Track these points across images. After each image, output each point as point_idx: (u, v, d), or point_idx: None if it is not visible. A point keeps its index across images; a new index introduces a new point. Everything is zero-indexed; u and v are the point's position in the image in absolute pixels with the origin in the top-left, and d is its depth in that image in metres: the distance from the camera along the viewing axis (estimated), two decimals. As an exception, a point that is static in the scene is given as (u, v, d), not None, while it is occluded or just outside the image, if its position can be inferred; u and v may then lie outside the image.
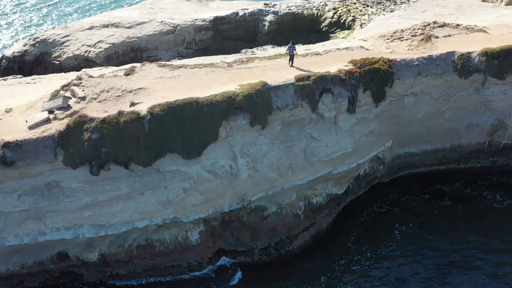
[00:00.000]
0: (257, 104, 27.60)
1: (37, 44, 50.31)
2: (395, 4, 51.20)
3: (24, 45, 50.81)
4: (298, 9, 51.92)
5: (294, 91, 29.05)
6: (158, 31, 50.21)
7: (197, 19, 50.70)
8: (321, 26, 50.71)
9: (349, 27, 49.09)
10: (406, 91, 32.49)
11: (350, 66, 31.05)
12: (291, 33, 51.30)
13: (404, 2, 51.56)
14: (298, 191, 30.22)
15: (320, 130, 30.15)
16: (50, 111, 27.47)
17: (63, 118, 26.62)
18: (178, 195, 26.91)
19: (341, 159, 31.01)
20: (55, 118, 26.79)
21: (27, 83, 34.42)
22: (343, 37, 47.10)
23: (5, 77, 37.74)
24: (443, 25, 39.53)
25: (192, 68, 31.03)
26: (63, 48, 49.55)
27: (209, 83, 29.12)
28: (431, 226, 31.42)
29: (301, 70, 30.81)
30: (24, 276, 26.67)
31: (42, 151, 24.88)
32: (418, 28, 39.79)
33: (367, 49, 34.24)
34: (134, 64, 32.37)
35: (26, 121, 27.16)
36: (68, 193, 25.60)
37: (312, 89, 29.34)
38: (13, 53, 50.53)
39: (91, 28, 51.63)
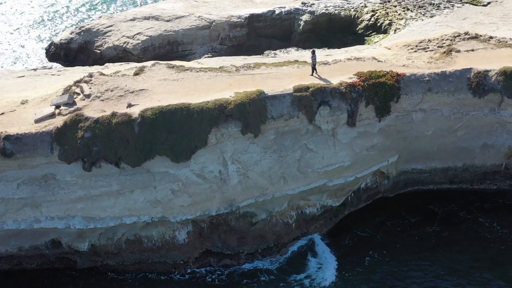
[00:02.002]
0: (249, 113, 27.97)
1: (82, 33, 53.02)
2: (437, 9, 49.26)
3: (71, 33, 53.70)
4: (335, 10, 51.20)
5: (291, 102, 29.12)
6: (194, 25, 51.37)
7: (232, 16, 51.32)
8: (357, 28, 49.81)
9: (385, 31, 47.93)
10: (414, 107, 31.59)
11: (354, 79, 30.60)
12: (327, 34, 50.89)
13: (448, 7, 49.45)
14: (290, 200, 30.43)
15: (317, 141, 30.06)
16: (57, 106, 29.28)
17: (66, 114, 28.32)
18: (166, 196, 27.98)
19: (338, 171, 30.80)
20: (59, 114, 28.55)
21: (52, 74, 36.64)
22: (377, 41, 46.15)
23: (35, 67, 40.22)
24: (474, 37, 37.85)
25: (197, 71, 31.82)
26: (105, 38, 51.89)
27: (208, 88, 29.80)
28: (405, 253, 30.18)
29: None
30: (22, 257, 28.91)
31: (40, 145, 26.71)
32: (447, 39, 38.32)
33: (379, 61, 33.47)
34: (145, 64, 33.65)
35: (35, 114, 29.16)
36: (63, 185, 27.36)
37: (310, 100, 29.27)
38: (61, 40, 53.56)
39: (133, 19, 53.66)
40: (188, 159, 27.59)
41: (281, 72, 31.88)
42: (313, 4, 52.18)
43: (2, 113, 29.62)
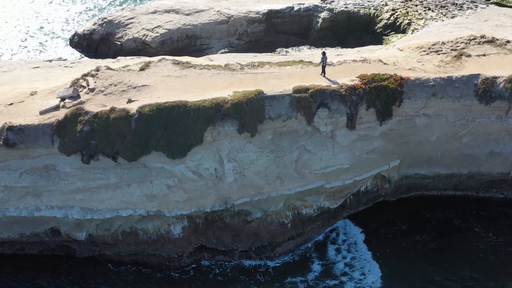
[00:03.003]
0: (245, 112, 28.15)
1: (104, 24, 54.23)
2: (460, 9, 48.22)
3: (94, 24, 54.98)
4: (354, 8, 50.71)
5: (290, 102, 29.14)
6: (213, 20, 51.82)
7: (251, 11, 51.49)
8: (376, 27, 49.35)
9: (403, 31, 47.28)
10: (417, 112, 31.12)
11: (356, 81, 30.35)
12: (345, 32, 50.53)
13: (471, 8, 48.28)
14: (286, 200, 30.55)
15: (315, 143, 30.02)
16: (63, 99, 30.14)
17: (69, 107, 29.14)
18: (162, 191, 28.53)
19: (336, 174, 30.72)
20: (63, 106, 29.39)
21: (65, 66, 37.64)
22: (394, 41, 45.46)
23: (50, 59, 41.31)
24: (490, 41, 36.94)
25: (201, 69, 32.15)
26: (126, 30, 52.94)
27: (209, 86, 30.10)
28: (391, 260, 29.79)
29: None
30: (24, 243, 30.04)
31: (41, 137, 27.60)
32: (461, 42, 37.52)
33: (384, 63, 33.05)
34: (152, 59, 34.19)
35: (41, 106, 30.10)
36: (63, 176, 28.23)
37: (309, 102, 29.22)
38: (84, 31, 54.92)
39: (154, 12, 54.53)
40: (183, 156, 28.01)
41: (283, 72, 31.89)
42: (333, 1, 51.84)
43: (11, 104, 30.68)
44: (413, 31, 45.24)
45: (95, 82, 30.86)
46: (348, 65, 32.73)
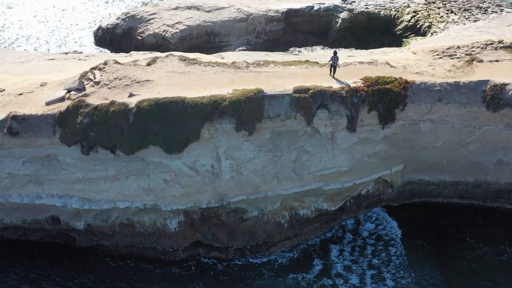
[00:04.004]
0: (243, 110, 28.19)
1: (127, 19, 55.16)
2: (484, 13, 46.89)
3: (117, 19, 56.00)
4: (375, 9, 49.99)
5: (289, 102, 29.02)
6: (232, 18, 52.01)
7: (270, 10, 51.45)
8: (396, 29, 48.57)
9: (423, 34, 46.43)
10: (421, 117, 30.49)
11: (359, 83, 29.96)
12: (364, 33, 49.92)
13: (496, 12, 46.89)
14: (283, 200, 30.46)
15: (314, 144, 29.82)
16: (69, 91, 30.87)
17: (74, 99, 29.82)
18: (159, 185, 28.90)
19: (336, 176, 30.44)
20: (68, 98, 30.11)
21: (79, 59, 38.52)
22: (412, 43, 44.62)
23: (66, 52, 42.31)
24: (508, 46, 35.94)
25: (205, 66, 32.35)
26: (147, 25, 53.68)
27: (210, 84, 30.26)
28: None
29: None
30: (27, 229, 30.94)
31: (43, 127, 28.35)
32: (477, 47, 36.59)
33: (392, 66, 32.49)
34: (159, 55, 34.61)
35: (48, 97, 30.92)
36: (64, 166, 28.94)
37: (308, 102, 29.03)
38: (107, 25, 55.98)
39: (176, 8, 55.09)
40: (180, 151, 28.27)
41: (287, 72, 31.76)
42: (354, 1, 51.24)
43: (20, 94, 31.64)
44: (432, 34, 44.29)
45: (101, 75, 31.47)
46: (353, 67, 32.32)
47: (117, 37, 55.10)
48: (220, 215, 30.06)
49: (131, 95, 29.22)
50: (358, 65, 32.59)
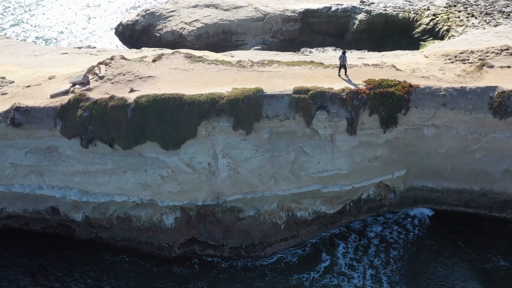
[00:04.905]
0: (241, 109, 28.10)
1: (146, 16, 55.68)
2: (506, 17, 45.55)
3: (137, 15, 56.62)
4: (394, 11, 49.12)
5: (289, 103, 28.77)
6: (249, 17, 51.92)
7: (287, 10, 51.15)
8: (414, 32, 47.56)
9: (442, 37, 45.37)
10: (425, 122, 29.78)
11: (361, 86, 29.47)
12: (381, 35, 49.14)
13: (519, 17, 45.39)
14: (280, 201, 30.24)
15: (313, 145, 29.49)
16: (74, 84, 31.41)
17: (76, 93, 30.28)
18: (156, 180, 29.08)
19: (334, 179, 30.05)
20: (72, 92, 30.63)
21: (91, 54, 39.13)
22: (428, 47, 43.65)
23: (80, 46, 43.02)
24: (524, 52, 34.62)
25: (209, 64, 32.38)
26: (166, 23, 54.09)
27: (212, 81, 30.28)
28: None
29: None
30: (28, 219, 31.63)
31: (45, 119, 28.91)
32: (492, 52, 35.52)
33: (397, 69, 31.82)
34: (166, 52, 34.80)
35: (54, 90, 31.51)
36: (64, 158, 29.44)
37: (308, 103, 28.72)
38: (127, 21, 56.69)
39: (195, 6, 55.34)
40: (177, 148, 28.38)
41: (290, 72, 31.50)
42: (372, 3, 50.44)
43: (28, 86, 32.36)
44: (450, 37, 43.22)
45: (106, 70, 31.88)
46: (358, 69, 31.82)
47: (137, 34, 55.68)
48: (216, 213, 30.05)
49: (132, 90, 29.51)
50: (363, 67, 32.06)
